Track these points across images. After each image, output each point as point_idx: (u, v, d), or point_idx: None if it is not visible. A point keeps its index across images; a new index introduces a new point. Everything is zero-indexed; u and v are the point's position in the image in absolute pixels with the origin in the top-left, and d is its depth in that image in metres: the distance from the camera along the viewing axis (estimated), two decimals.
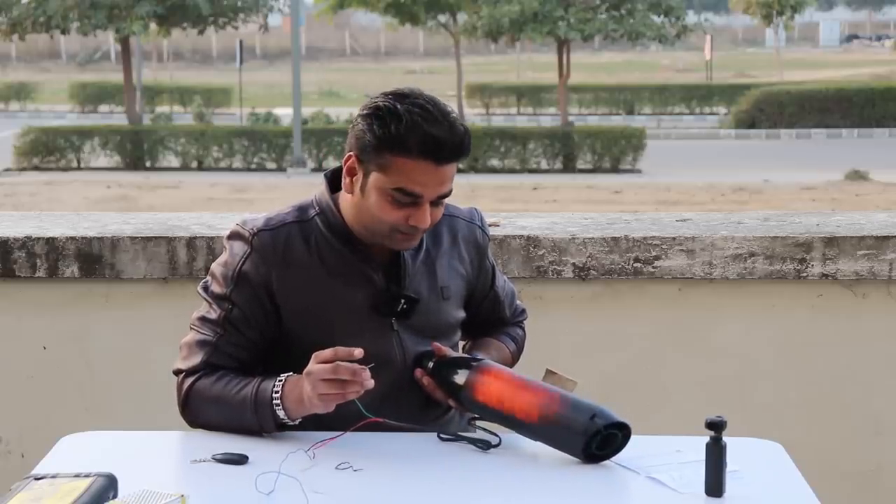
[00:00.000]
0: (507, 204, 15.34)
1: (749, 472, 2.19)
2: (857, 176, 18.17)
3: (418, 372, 2.45)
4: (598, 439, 2.20)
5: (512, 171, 20.99)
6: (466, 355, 2.52)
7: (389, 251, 2.46)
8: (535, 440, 2.28)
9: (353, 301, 2.43)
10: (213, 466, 2.21)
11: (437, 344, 2.47)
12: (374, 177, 2.35)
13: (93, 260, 3.36)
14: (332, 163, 20.37)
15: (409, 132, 2.30)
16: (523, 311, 2.77)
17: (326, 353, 2.27)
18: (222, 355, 2.42)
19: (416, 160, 2.31)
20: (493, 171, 20.81)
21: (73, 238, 3.37)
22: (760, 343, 3.42)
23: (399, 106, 2.33)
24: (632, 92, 33.56)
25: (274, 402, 2.33)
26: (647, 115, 31.65)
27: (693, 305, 3.39)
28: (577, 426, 2.20)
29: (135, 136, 21.88)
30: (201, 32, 24.44)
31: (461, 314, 2.58)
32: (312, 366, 2.28)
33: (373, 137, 2.34)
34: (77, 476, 1.97)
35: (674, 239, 3.34)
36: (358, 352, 2.25)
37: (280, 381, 2.34)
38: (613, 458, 2.23)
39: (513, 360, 2.67)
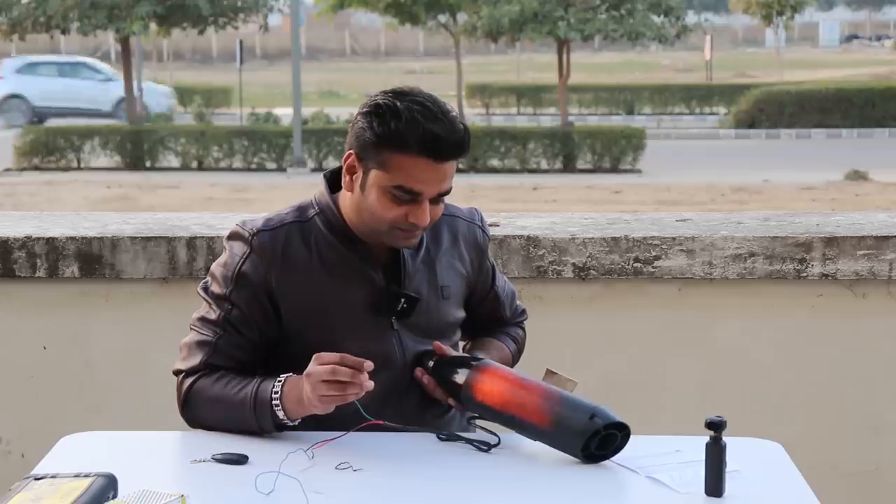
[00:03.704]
0: (507, 204, 15.32)
1: (749, 472, 2.19)
2: (857, 176, 18.15)
3: (419, 371, 2.46)
4: (597, 439, 2.20)
5: (512, 171, 20.96)
6: (466, 355, 2.52)
7: (389, 250, 2.46)
8: (535, 440, 2.28)
9: (353, 300, 2.43)
10: (212, 466, 2.21)
11: (438, 343, 2.47)
12: (373, 174, 2.36)
13: (93, 260, 3.36)
14: (332, 163, 20.36)
15: (409, 129, 2.31)
16: (523, 311, 2.77)
17: (331, 356, 2.26)
18: (222, 356, 2.42)
19: (415, 157, 2.31)
20: (493, 171, 20.79)
21: (73, 238, 3.37)
22: (760, 343, 3.42)
23: (399, 103, 2.33)
24: (632, 92, 33.52)
25: (273, 402, 2.33)
26: (647, 115, 31.60)
27: (693, 305, 3.39)
28: (576, 426, 2.20)
29: (135, 136, 21.86)
30: (201, 32, 24.40)
31: (461, 314, 2.58)
32: (312, 367, 2.28)
33: (372, 135, 2.34)
34: (77, 476, 1.97)
35: (674, 239, 3.34)
36: (368, 364, 2.25)
37: (279, 381, 2.34)
38: (613, 458, 2.23)
39: (513, 361, 2.67)
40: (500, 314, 2.70)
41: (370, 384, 2.25)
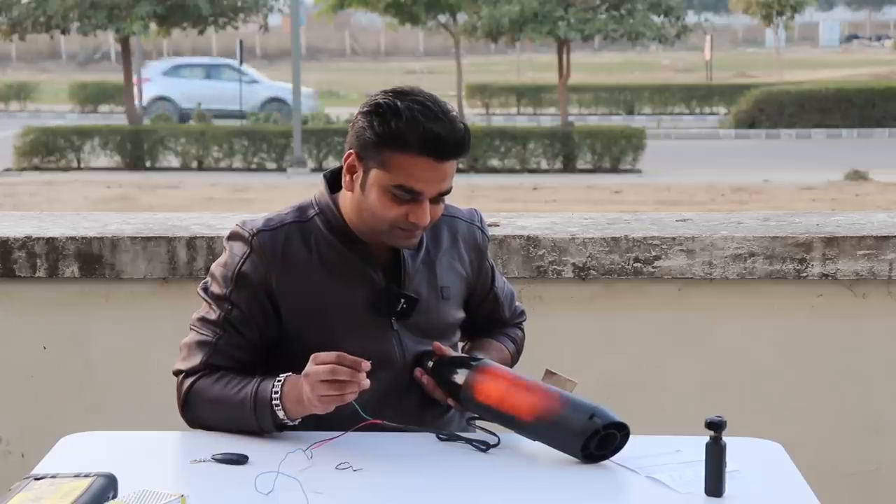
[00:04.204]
0: (507, 204, 15.32)
1: (749, 472, 2.19)
2: (857, 176, 18.14)
3: (418, 371, 2.46)
4: (596, 439, 2.20)
5: (512, 171, 20.95)
6: (466, 355, 2.52)
7: (389, 250, 2.46)
8: (534, 440, 2.28)
9: (353, 300, 2.43)
10: (212, 466, 2.21)
11: (438, 343, 2.47)
12: (374, 174, 2.36)
13: (93, 260, 3.36)
14: (332, 163, 20.35)
15: (409, 128, 2.31)
16: (522, 312, 2.77)
17: (328, 355, 2.26)
18: (222, 356, 2.42)
19: (416, 157, 2.31)
20: (493, 171, 20.78)
21: (73, 238, 3.37)
22: (760, 343, 3.42)
23: (399, 103, 2.33)
24: (632, 92, 33.49)
25: (273, 402, 2.33)
26: (647, 115, 31.58)
27: (693, 305, 3.39)
28: (575, 426, 2.20)
29: (135, 136, 21.83)
30: (201, 32, 24.38)
31: (460, 314, 2.58)
32: (310, 367, 2.28)
33: (373, 134, 2.34)
34: (77, 476, 1.97)
35: (674, 239, 3.34)
36: (365, 364, 2.25)
37: (279, 381, 2.34)
38: (613, 458, 2.23)
39: (512, 361, 2.67)
40: (500, 315, 2.70)
41: (366, 382, 2.25)
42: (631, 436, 2.24)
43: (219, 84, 29.24)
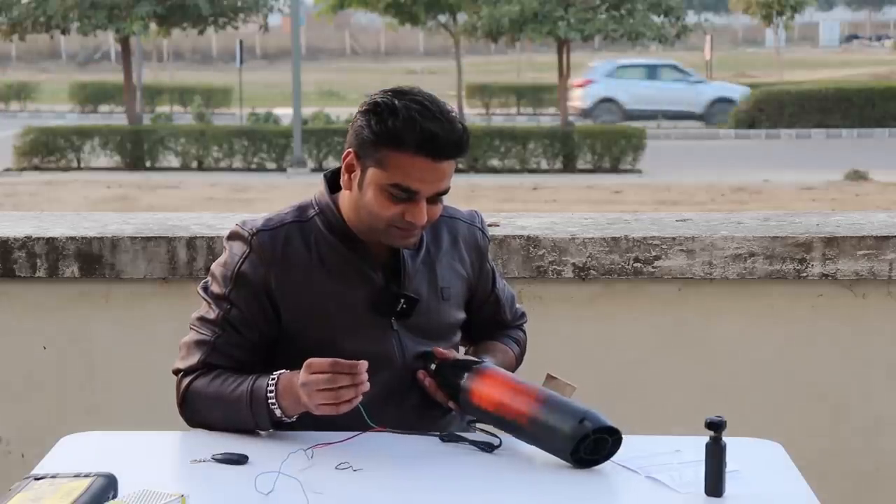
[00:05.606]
0: (507, 204, 15.32)
1: (749, 472, 2.19)
2: (857, 176, 18.14)
3: (421, 373, 2.45)
4: (587, 443, 2.19)
5: (512, 171, 20.95)
6: (468, 358, 2.52)
7: (389, 250, 2.46)
8: (529, 443, 2.28)
9: (352, 300, 2.43)
10: (212, 466, 2.21)
11: (440, 349, 2.47)
12: (371, 172, 2.36)
13: (93, 260, 3.36)
14: (332, 163, 20.34)
15: (407, 128, 2.31)
16: (523, 314, 2.77)
17: (322, 363, 2.26)
18: (220, 355, 2.42)
19: (413, 156, 2.31)
20: (493, 171, 20.78)
21: (73, 238, 3.37)
22: (760, 343, 3.42)
23: (397, 102, 2.33)
24: None
25: (269, 400, 2.33)
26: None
27: (693, 305, 3.39)
28: (565, 429, 2.19)
29: (135, 136, 21.83)
30: (201, 32, 24.39)
31: (461, 315, 2.58)
32: (307, 376, 2.27)
33: (370, 133, 2.34)
34: (77, 476, 1.97)
35: (674, 239, 3.34)
36: (363, 364, 2.25)
37: (273, 379, 2.34)
38: (614, 458, 2.22)
39: (516, 363, 2.67)
40: (501, 317, 2.70)
41: (366, 385, 2.25)
42: (631, 436, 2.23)
43: (662, 85, 28.82)
